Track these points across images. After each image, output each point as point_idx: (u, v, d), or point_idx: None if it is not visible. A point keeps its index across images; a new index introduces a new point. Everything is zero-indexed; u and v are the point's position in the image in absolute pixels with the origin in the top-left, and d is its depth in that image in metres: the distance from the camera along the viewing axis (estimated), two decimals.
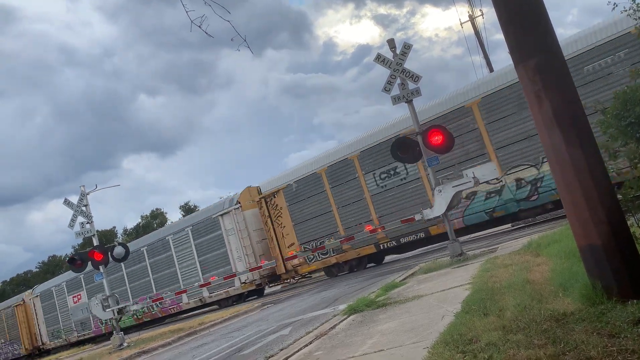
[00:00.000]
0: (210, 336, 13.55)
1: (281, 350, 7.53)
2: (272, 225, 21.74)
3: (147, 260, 27.00)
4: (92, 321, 29.97)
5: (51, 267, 77.66)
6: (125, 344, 16.58)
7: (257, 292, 24.30)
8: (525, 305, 5.05)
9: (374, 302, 8.59)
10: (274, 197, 21.59)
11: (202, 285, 24.23)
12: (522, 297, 5.43)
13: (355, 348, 5.88)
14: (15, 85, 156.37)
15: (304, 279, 25.16)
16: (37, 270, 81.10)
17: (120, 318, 18.13)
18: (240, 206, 22.99)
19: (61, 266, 73.19)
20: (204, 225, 24.50)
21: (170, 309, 26.37)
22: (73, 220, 17.73)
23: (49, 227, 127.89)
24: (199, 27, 5.69)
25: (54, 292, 32.65)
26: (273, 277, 23.32)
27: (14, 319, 34.99)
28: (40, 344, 34.11)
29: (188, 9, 5.58)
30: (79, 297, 30.92)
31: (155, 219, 71.28)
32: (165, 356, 12.37)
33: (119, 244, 18.54)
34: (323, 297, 13.82)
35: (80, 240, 21.31)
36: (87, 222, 17.64)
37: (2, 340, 36.03)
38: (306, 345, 6.96)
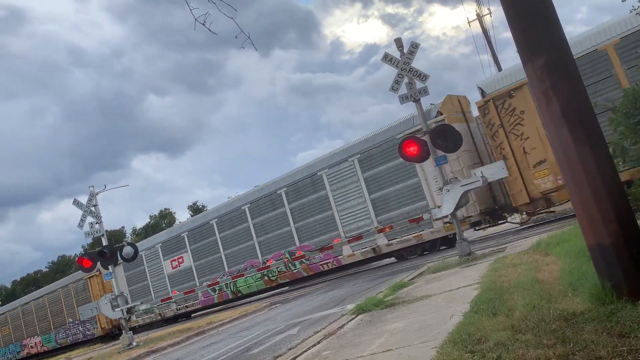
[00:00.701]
0: (218, 336, 13.59)
1: (289, 349, 7.54)
2: (507, 137, 15.80)
3: (286, 206, 21.45)
4: (199, 289, 25.04)
5: (61, 267, 78.23)
6: (134, 344, 16.66)
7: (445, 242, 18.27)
8: (534, 305, 5.02)
9: (382, 301, 8.58)
10: (509, 97, 15.73)
11: (380, 231, 18.71)
12: (531, 297, 5.40)
13: (363, 348, 5.87)
14: (25, 85, 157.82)
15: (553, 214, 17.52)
16: (47, 270, 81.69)
17: (129, 318, 18.20)
18: (445, 118, 16.92)
19: (70, 266, 73.72)
20: (381, 151, 18.76)
21: (322, 264, 20.58)
22: (82, 220, 17.84)
23: (59, 226, 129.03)
24: (203, 24, 5.70)
25: (143, 257, 27.58)
26: (496, 213, 17.75)
27: (87, 293, 30.19)
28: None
29: (194, 8, 5.60)
30: (180, 260, 26.42)
31: (164, 218, 71.63)
32: (174, 355, 12.42)
33: (128, 243, 18.62)
34: (331, 297, 13.82)
35: (89, 240, 21.43)
36: (96, 222, 17.74)
37: (71, 320, 31.98)
38: (314, 345, 6.97)
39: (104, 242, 17.74)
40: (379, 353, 5.41)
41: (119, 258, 17.88)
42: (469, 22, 30.05)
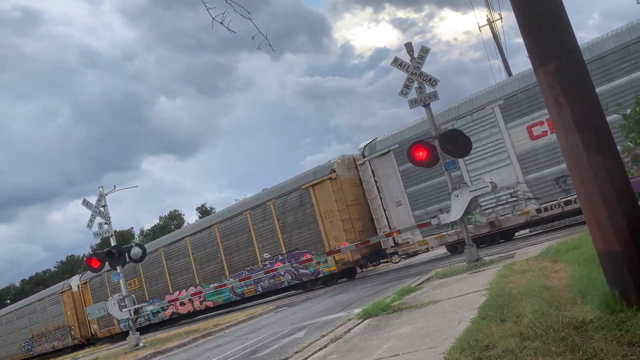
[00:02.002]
0: (224, 338, 13.60)
1: (296, 353, 7.53)
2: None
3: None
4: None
5: (69, 267, 78.66)
6: (141, 344, 16.72)
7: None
8: (543, 312, 4.99)
9: (390, 306, 8.56)
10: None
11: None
12: (540, 304, 5.36)
13: (370, 352, 5.86)
14: (38, 86, 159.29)
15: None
16: (56, 269, 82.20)
17: (137, 319, 18.28)
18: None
19: (79, 266, 74.11)
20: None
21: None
22: (91, 221, 17.94)
23: (68, 226, 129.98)
24: (221, 23, 5.73)
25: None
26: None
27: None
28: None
29: (211, 7, 5.64)
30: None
31: (173, 220, 71.90)
32: (181, 357, 12.44)
33: (136, 244, 18.70)
34: (338, 301, 13.80)
35: (98, 241, 21.54)
36: (105, 223, 17.83)
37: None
38: (321, 349, 6.96)
39: (113, 242, 17.83)
40: (385, 358, 5.39)
41: (127, 258, 17.96)
42: (479, 27, 30.06)
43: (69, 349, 32.86)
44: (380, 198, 19.41)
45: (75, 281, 33.05)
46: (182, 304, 26.17)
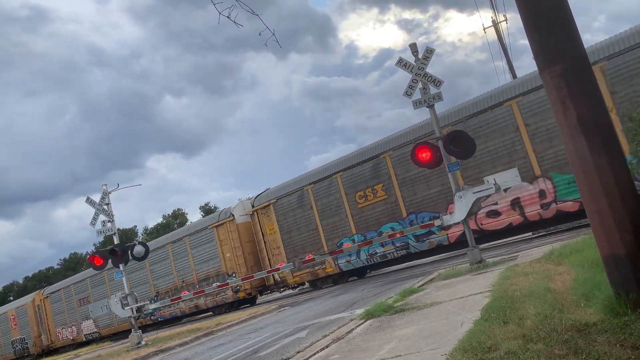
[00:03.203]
0: (227, 337, 13.61)
1: (298, 352, 7.52)
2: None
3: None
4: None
5: (72, 264, 78.87)
6: (143, 342, 16.74)
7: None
8: (546, 314, 4.97)
9: (392, 307, 8.55)
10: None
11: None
12: (543, 306, 5.35)
13: (372, 353, 5.85)
14: (46, 84, 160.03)
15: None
16: (59, 267, 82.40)
17: (139, 317, 18.30)
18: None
19: (82, 263, 74.29)
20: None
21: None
22: (95, 219, 17.96)
23: (73, 224, 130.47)
24: (228, 17, 5.74)
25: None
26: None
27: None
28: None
29: (218, 2, 5.65)
30: None
31: (177, 219, 71.99)
32: (183, 355, 12.45)
33: (139, 242, 18.74)
34: (340, 301, 13.79)
35: (101, 238, 21.63)
36: (109, 221, 17.86)
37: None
38: (323, 349, 6.95)
39: (116, 240, 17.85)
40: (388, 359, 5.39)
41: (130, 257, 17.99)
42: (484, 29, 29.83)
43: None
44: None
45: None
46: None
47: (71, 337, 33.36)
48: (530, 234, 19.24)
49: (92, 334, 32.24)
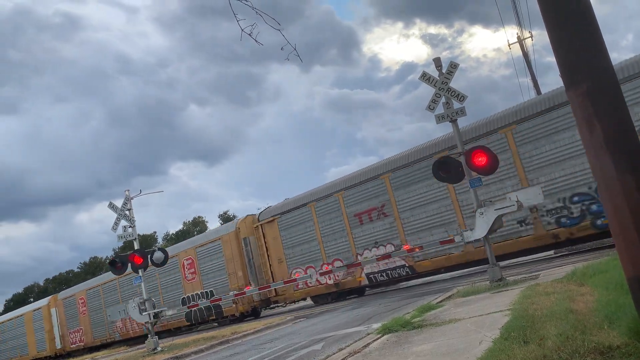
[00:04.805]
0: (242, 346, 13.60)
1: None
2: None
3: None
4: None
5: (92, 268, 79.79)
6: (159, 348, 16.82)
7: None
8: (568, 336, 4.88)
9: (409, 322, 8.47)
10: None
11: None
12: (565, 327, 5.25)
13: None
14: (74, 90, 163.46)
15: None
16: (79, 270, 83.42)
17: (156, 322, 18.42)
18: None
19: (101, 267, 75.12)
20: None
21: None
22: (116, 224, 18.19)
23: (95, 228, 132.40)
24: (249, 35, 5.80)
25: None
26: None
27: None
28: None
29: (241, 19, 5.72)
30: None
31: (197, 226, 72.58)
32: None
33: (159, 249, 18.91)
34: (356, 315, 13.70)
35: (121, 243, 21.87)
36: (130, 226, 18.06)
37: None
38: None
39: (136, 245, 18.03)
40: None
41: (149, 262, 18.14)
42: (509, 45, 29.65)
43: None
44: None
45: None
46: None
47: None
48: (552, 252, 18.93)
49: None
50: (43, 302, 37.79)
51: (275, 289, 22.77)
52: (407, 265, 19.02)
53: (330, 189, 21.63)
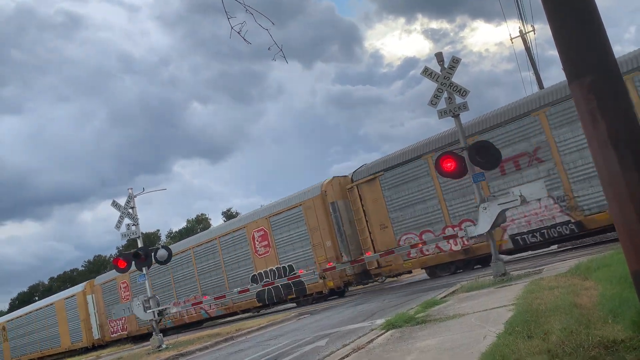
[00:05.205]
0: (246, 343, 13.64)
1: None
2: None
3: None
4: None
5: (96, 266, 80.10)
6: (164, 346, 16.87)
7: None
8: (572, 330, 4.87)
9: (413, 318, 8.47)
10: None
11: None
12: (569, 321, 5.24)
13: None
14: (76, 89, 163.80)
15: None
16: (83, 269, 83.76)
17: (160, 320, 18.46)
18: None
19: (105, 265, 75.39)
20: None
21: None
22: (120, 222, 18.22)
23: (99, 226, 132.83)
24: (238, 33, 5.78)
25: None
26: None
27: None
28: None
29: (231, 17, 5.70)
30: None
31: (200, 224, 72.73)
32: None
33: (162, 246, 18.93)
34: (360, 311, 13.72)
35: (124, 242, 21.88)
36: (133, 224, 18.09)
37: None
38: (343, 358, 6.92)
39: (140, 244, 18.06)
40: None
41: (153, 260, 18.18)
42: (511, 39, 29.56)
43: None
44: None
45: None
46: None
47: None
48: (555, 247, 18.92)
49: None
50: (77, 288, 35.08)
51: (377, 260, 19.71)
52: (572, 220, 15.32)
53: (456, 134, 15.82)
